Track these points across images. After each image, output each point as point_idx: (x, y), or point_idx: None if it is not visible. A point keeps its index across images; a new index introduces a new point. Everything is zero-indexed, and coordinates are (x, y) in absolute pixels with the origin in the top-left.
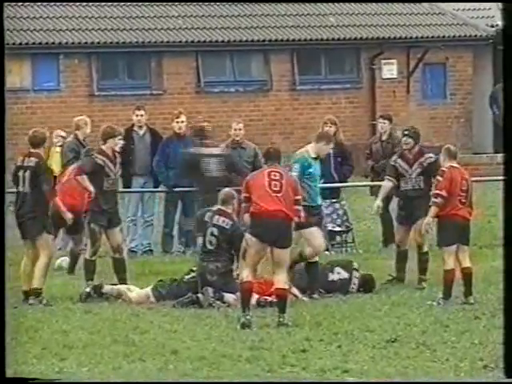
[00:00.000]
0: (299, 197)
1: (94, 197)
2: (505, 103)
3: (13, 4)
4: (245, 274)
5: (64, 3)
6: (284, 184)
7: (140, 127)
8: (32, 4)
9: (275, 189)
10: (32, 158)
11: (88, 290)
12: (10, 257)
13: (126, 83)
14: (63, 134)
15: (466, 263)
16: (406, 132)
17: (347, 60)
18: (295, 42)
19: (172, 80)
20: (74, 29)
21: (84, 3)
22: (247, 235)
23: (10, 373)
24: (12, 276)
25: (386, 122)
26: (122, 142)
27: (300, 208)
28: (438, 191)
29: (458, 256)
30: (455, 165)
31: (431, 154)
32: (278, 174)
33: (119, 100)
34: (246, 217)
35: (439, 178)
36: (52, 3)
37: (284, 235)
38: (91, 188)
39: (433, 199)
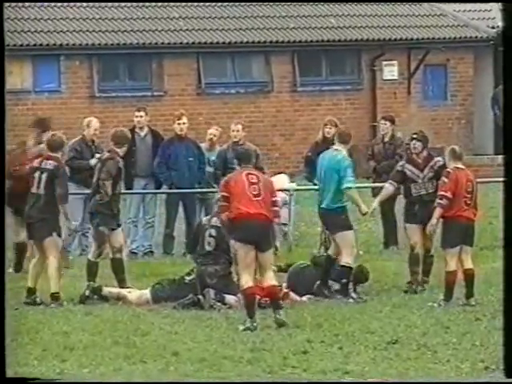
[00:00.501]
0: (276, 198)
1: (107, 200)
2: (505, 104)
3: (13, 5)
4: (244, 281)
5: (65, 4)
6: (262, 187)
7: (141, 129)
8: (33, 5)
9: (254, 192)
10: (51, 161)
11: (87, 293)
12: (10, 257)
13: (127, 85)
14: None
15: (469, 264)
16: (414, 136)
17: (348, 61)
18: (296, 44)
19: (173, 81)
20: (74, 30)
21: (85, 4)
22: (232, 241)
23: (10, 373)
24: (12, 277)
25: (387, 123)
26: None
27: (278, 209)
28: (442, 192)
29: (460, 257)
30: (460, 166)
31: (440, 158)
32: (255, 176)
33: (120, 101)
34: (224, 216)
35: (444, 179)
36: (53, 4)
37: (266, 238)
38: (110, 192)
39: (437, 200)
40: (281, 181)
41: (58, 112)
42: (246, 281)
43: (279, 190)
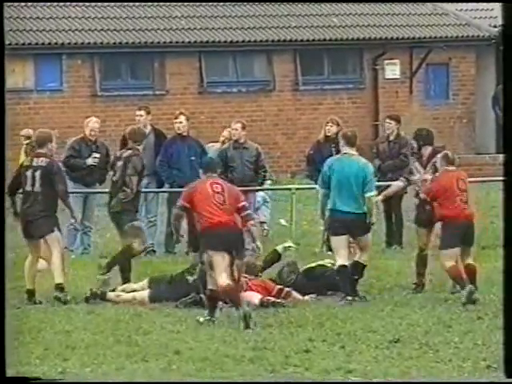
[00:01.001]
0: (243, 203)
1: (133, 197)
2: (504, 104)
3: (16, 4)
4: (222, 280)
5: (67, 3)
6: (227, 195)
7: (143, 127)
8: (35, 4)
9: (220, 201)
10: (42, 159)
11: (88, 295)
12: (11, 257)
13: (129, 83)
14: (24, 133)
15: (470, 260)
16: (413, 135)
17: (350, 60)
18: (298, 43)
19: (175, 80)
20: (76, 29)
21: (87, 3)
22: (205, 250)
23: (11, 373)
24: (14, 276)
25: (392, 122)
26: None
27: (248, 212)
28: (422, 194)
29: (461, 257)
30: (450, 168)
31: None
32: (219, 186)
33: (122, 100)
34: (179, 224)
35: (429, 182)
36: (55, 3)
37: (238, 245)
38: (135, 189)
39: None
40: None
41: (59, 111)
42: (224, 280)
43: (260, 190)
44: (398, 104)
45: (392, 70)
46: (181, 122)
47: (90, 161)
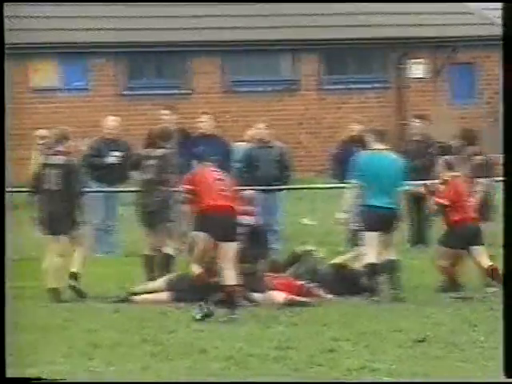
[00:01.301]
0: (237, 195)
1: (164, 196)
2: (505, 103)
3: (39, 4)
4: (195, 268)
5: (92, 3)
6: (228, 183)
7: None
8: (60, 3)
9: (220, 187)
10: (60, 156)
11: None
12: (34, 255)
13: (154, 83)
14: (39, 133)
15: (488, 262)
16: (457, 134)
17: (375, 59)
18: (323, 42)
19: (200, 79)
20: (102, 28)
21: (114, 3)
22: (195, 232)
23: (34, 372)
24: (38, 275)
25: (419, 121)
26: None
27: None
28: (439, 199)
29: (478, 258)
30: (456, 174)
31: (479, 157)
32: (219, 173)
33: (147, 99)
34: (186, 208)
35: (442, 186)
36: (79, 2)
37: (233, 229)
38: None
39: (433, 206)
40: None
41: (85, 110)
42: (197, 269)
43: (285, 189)
44: (423, 103)
45: (417, 69)
46: (202, 122)
47: (109, 159)
